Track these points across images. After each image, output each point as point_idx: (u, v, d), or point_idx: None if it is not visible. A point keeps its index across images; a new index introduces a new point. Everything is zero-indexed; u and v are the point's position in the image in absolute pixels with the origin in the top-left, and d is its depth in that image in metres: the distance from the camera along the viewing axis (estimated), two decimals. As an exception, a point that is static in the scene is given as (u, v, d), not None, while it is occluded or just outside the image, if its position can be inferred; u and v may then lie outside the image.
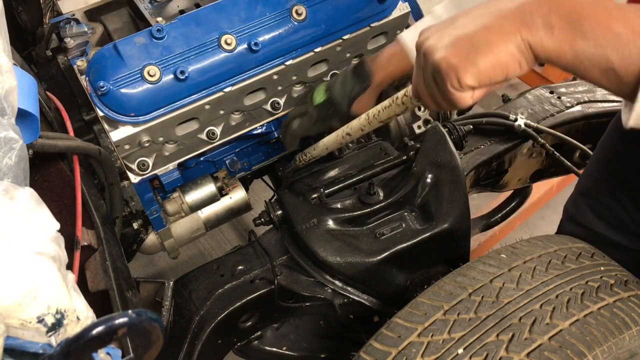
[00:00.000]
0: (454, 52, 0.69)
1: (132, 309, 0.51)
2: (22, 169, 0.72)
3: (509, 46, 0.67)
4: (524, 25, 0.66)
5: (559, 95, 1.76)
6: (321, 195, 1.32)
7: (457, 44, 0.69)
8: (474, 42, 0.68)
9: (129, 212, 1.39)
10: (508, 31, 0.66)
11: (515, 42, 0.66)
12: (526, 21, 0.66)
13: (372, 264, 1.20)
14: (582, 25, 0.63)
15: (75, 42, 1.27)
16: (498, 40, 0.67)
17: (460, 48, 0.69)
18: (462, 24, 0.71)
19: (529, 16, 0.65)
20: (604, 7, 0.64)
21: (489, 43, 0.67)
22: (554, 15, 0.64)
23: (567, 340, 0.84)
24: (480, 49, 0.68)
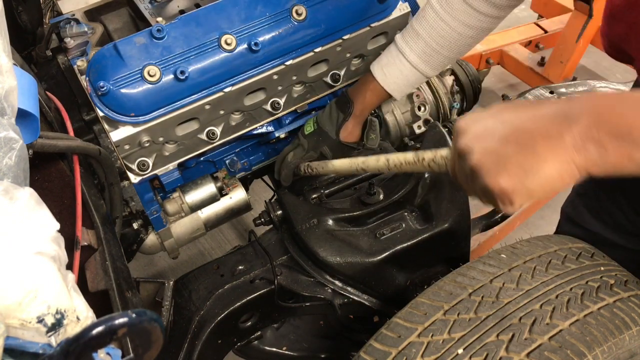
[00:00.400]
0: (507, 178, 0.68)
1: (132, 309, 0.51)
2: (22, 169, 0.71)
3: (561, 172, 0.66)
4: (576, 150, 0.64)
5: (559, 95, 1.76)
6: (321, 195, 1.32)
7: (510, 168, 0.68)
8: (527, 168, 0.67)
9: (129, 212, 1.39)
10: (561, 159, 0.65)
11: (568, 169, 0.66)
12: (577, 146, 0.64)
13: (372, 264, 1.20)
14: (634, 135, 0.62)
15: (75, 42, 1.27)
16: (551, 168, 0.66)
17: (512, 173, 0.68)
18: (508, 140, 0.68)
19: (579, 141, 0.64)
20: None
21: (543, 173, 0.66)
22: (603, 135, 0.63)
23: (567, 340, 0.84)
24: (534, 176, 0.67)
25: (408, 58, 1.23)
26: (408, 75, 1.26)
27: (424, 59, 1.22)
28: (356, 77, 1.45)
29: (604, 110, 0.64)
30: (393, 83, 1.27)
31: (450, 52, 1.21)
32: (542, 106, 0.69)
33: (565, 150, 0.65)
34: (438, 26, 1.17)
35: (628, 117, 0.63)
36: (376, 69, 1.28)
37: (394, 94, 1.29)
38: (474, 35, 1.19)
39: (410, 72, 1.25)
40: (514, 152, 0.68)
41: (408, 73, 1.25)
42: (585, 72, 3.11)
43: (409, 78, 1.26)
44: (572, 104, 0.66)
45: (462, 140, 0.72)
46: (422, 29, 1.19)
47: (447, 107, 1.60)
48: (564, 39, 2.65)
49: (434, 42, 1.19)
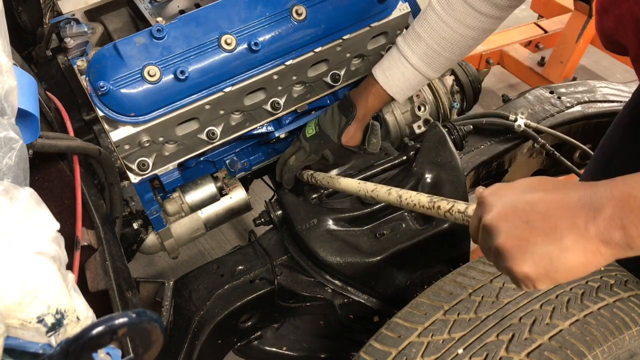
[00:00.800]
0: (532, 266, 0.68)
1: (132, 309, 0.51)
2: (22, 169, 0.71)
3: (587, 265, 0.66)
4: (602, 241, 0.64)
5: (559, 96, 1.76)
6: (321, 195, 1.32)
7: (535, 258, 0.68)
8: (552, 257, 0.67)
9: (129, 212, 1.39)
10: (586, 250, 0.65)
11: (593, 260, 0.66)
12: (603, 237, 0.64)
13: (372, 264, 1.20)
14: None
15: (75, 42, 1.27)
16: (576, 261, 0.66)
17: (538, 263, 0.68)
18: (534, 227, 0.68)
19: (604, 232, 0.64)
20: None
21: (568, 263, 0.66)
22: (628, 222, 0.62)
23: (567, 340, 0.84)
24: (558, 267, 0.67)
25: (410, 60, 1.23)
26: (410, 78, 1.26)
27: (425, 61, 1.22)
28: (356, 77, 1.45)
29: (625, 195, 0.64)
30: (395, 86, 1.27)
31: (452, 53, 1.21)
32: (569, 190, 0.68)
33: (590, 241, 0.65)
34: (439, 28, 1.17)
35: None
36: (378, 72, 1.28)
37: (396, 96, 1.29)
38: (476, 37, 1.19)
39: (412, 75, 1.25)
40: (540, 241, 0.68)
41: (410, 75, 1.25)
42: (585, 72, 3.11)
43: (412, 80, 1.26)
44: (597, 190, 0.66)
45: (487, 216, 0.72)
46: (423, 31, 1.19)
47: (447, 107, 1.60)
48: (564, 39, 2.65)
49: (435, 44, 1.19)
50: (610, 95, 1.80)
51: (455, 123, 1.48)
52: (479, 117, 1.63)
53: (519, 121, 1.57)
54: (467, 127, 1.47)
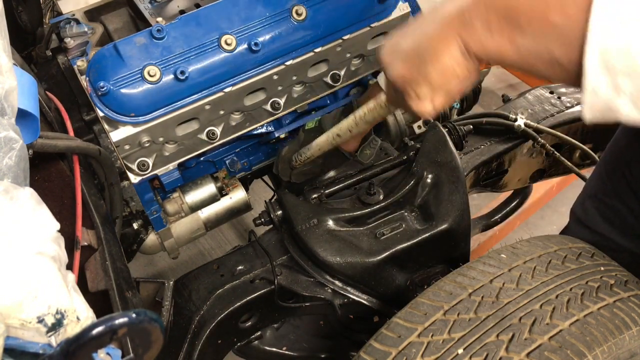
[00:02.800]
0: (405, 66, 0.73)
1: (132, 309, 0.51)
2: (22, 169, 0.71)
3: (452, 51, 0.67)
4: (463, 27, 0.66)
5: (559, 95, 1.76)
6: (321, 195, 1.32)
7: (407, 58, 0.72)
8: (420, 52, 0.70)
9: (129, 212, 1.39)
10: (449, 36, 0.67)
11: (457, 46, 0.67)
12: (465, 23, 0.66)
13: (372, 264, 1.20)
14: (519, 20, 0.61)
15: (75, 42, 1.27)
16: (441, 47, 0.68)
17: (409, 61, 0.72)
18: (410, 34, 0.73)
19: (467, 18, 0.65)
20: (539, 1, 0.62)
21: (433, 51, 0.69)
22: (491, 14, 0.63)
23: (567, 340, 0.84)
24: (426, 59, 0.70)
25: None
26: None
27: None
28: (356, 77, 1.45)
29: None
30: None
31: None
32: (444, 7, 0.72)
33: (452, 27, 0.66)
34: None
35: (520, 2, 0.62)
36: (382, 80, 1.27)
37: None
38: None
39: None
40: (411, 42, 0.72)
41: None
42: (585, 72, 3.11)
43: None
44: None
45: (382, 63, 0.79)
46: None
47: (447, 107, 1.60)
48: (564, 39, 2.65)
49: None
50: (610, 95, 1.79)
51: (455, 123, 1.48)
52: (479, 117, 1.62)
53: (519, 121, 1.57)
54: (467, 127, 1.47)
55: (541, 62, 0.62)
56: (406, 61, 0.72)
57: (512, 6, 0.62)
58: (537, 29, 0.60)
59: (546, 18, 0.60)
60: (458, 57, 0.67)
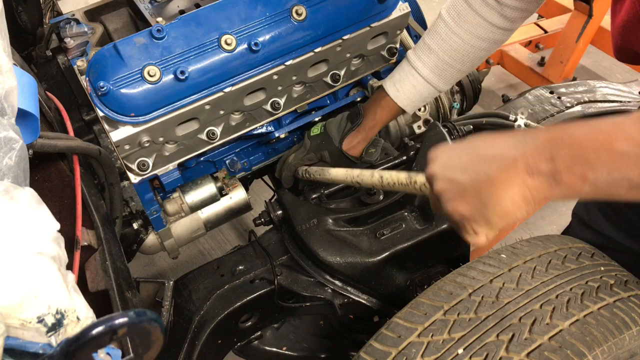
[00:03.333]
0: (465, 205, 0.71)
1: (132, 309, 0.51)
2: (22, 169, 0.71)
3: (514, 197, 0.66)
4: (529, 175, 0.65)
5: (559, 95, 1.76)
6: (321, 195, 1.32)
7: (467, 196, 0.71)
8: (481, 194, 0.69)
9: (129, 212, 1.39)
10: (513, 182, 0.66)
11: (520, 193, 0.66)
12: (530, 170, 0.65)
13: (372, 264, 1.20)
14: (588, 157, 0.61)
15: (75, 42, 1.27)
16: (504, 194, 0.67)
17: (469, 201, 0.71)
18: (470, 168, 0.71)
19: (532, 165, 0.65)
20: (600, 130, 0.62)
21: (496, 196, 0.68)
22: (556, 156, 0.63)
23: (567, 340, 0.84)
24: (487, 202, 0.69)
25: (421, 73, 1.23)
26: (421, 90, 1.26)
27: (437, 73, 1.22)
28: (356, 77, 1.45)
29: (559, 134, 0.64)
30: (406, 98, 1.27)
31: (462, 65, 1.21)
32: (505, 135, 0.70)
33: (517, 173, 0.66)
34: (450, 39, 1.17)
35: (583, 140, 0.62)
36: (388, 85, 1.28)
37: (406, 109, 1.29)
38: (486, 47, 1.19)
39: (423, 87, 1.25)
40: (471, 180, 0.70)
41: (421, 88, 1.25)
42: (585, 72, 3.11)
43: (422, 93, 1.26)
44: (532, 130, 0.69)
45: (430, 167, 0.77)
46: (434, 43, 1.20)
47: (447, 107, 1.60)
48: (564, 39, 2.65)
49: (446, 56, 1.20)
50: (610, 95, 1.80)
51: (455, 123, 1.48)
52: (479, 117, 1.62)
53: (519, 121, 1.57)
54: (467, 127, 1.47)
55: (621, 189, 0.62)
56: (465, 199, 0.71)
57: (576, 144, 0.62)
58: (607, 162, 0.61)
59: (613, 149, 0.60)
60: (520, 203, 0.67)
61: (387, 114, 1.32)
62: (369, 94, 1.51)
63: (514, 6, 1.11)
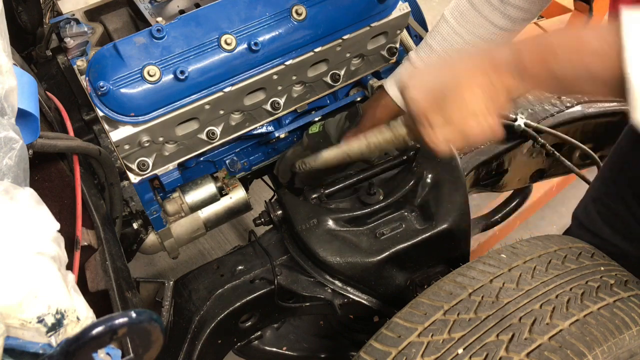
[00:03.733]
0: (425, 95, 0.74)
1: (132, 309, 0.51)
2: (22, 169, 0.71)
3: (474, 88, 0.68)
4: (493, 68, 0.67)
5: (559, 95, 1.75)
6: (321, 195, 1.32)
7: (428, 88, 0.74)
8: (442, 85, 0.72)
9: (129, 212, 1.39)
10: (475, 73, 0.68)
11: (481, 87, 0.68)
12: (495, 64, 0.67)
13: (372, 264, 1.20)
14: (554, 51, 0.64)
15: (75, 42, 1.27)
16: (464, 83, 0.69)
17: (430, 92, 0.73)
18: (436, 68, 0.76)
19: (497, 58, 0.67)
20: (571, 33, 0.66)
21: (456, 85, 0.70)
22: (523, 51, 0.65)
23: (567, 340, 0.84)
24: (446, 92, 0.71)
25: None
26: None
27: None
28: (356, 77, 1.45)
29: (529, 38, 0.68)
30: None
31: None
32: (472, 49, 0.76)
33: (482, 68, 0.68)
34: (452, 39, 1.17)
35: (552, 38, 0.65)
36: (389, 85, 1.27)
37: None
38: None
39: None
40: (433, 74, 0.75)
41: None
42: (585, 72, 3.10)
43: None
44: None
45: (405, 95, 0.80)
46: (435, 43, 1.19)
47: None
48: (564, 39, 2.65)
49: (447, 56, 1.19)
50: (610, 95, 1.79)
51: (455, 123, 1.47)
52: (479, 117, 1.62)
53: (519, 121, 1.57)
54: None
55: (585, 85, 0.64)
56: (427, 90, 0.74)
57: (544, 41, 0.65)
58: (574, 55, 0.63)
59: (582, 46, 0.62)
60: (479, 94, 0.68)
61: (386, 114, 1.30)
62: (369, 94, 1.50)
63: (518, 5, 1.10)
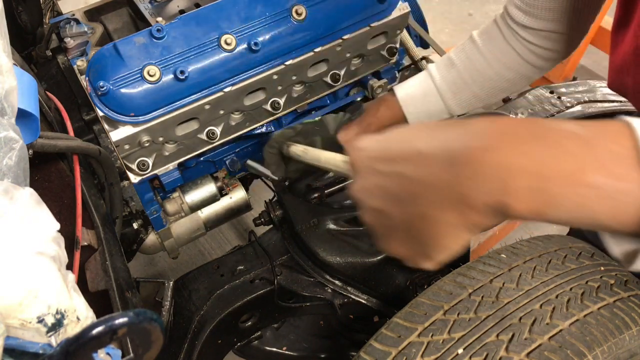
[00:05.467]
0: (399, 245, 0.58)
1: (132, 309, 0.51)
2: (22, 169, 0.71)
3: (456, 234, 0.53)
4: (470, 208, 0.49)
5: (559, 95, 1.76)
6: (321, 195, 1.32)
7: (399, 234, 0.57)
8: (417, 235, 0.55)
9: (129, 212, 1.39)
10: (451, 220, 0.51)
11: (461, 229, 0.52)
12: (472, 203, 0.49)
13: (372, 263, 1.20)
14: (549, 190, 0.46)
15: (75, 42, 1.27)
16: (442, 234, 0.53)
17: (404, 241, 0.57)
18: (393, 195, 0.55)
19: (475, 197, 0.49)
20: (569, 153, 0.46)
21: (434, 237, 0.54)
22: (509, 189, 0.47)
23: (567, 340, 0.84)
24: (426, 244, 0.55)
25: (436, 84, 1.15)
26: (431, 102, 1.17)
27: (452, 90, 1.14)
28: (356, 77, 1.45)
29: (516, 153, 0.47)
30: (412, 105, 1.18)
31: (481, 90, 1.13)
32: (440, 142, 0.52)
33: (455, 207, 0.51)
34: (475, 58, 1.11)
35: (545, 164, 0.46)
36: (398, 88, 1.20)
37: (409, 116, 1.18)
38: (511, 79, 1.11)
39: (433, 100, 1.16)
40: (400, 214, 0.55)
41: (431, 100, 1.16)
42: (585, 72, 3.11)
43: (430, 106, 1.17)
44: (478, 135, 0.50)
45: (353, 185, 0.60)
46: (457, 59, 1.13)
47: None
48: (564, 39, 2.65)
49: (467, 75, 1.13)
50: (610, 95, 1.80)
51: (455, 123, 1.47)
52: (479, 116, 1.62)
53: (519, 121, 1.56)
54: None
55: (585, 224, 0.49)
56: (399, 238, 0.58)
57: (535, 170, 0.46)
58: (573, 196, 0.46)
59: (581, 180, 0.46)
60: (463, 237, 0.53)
61: (388, 116, 1.23)
62: (369, 94, 1.51)
63: (544, 46, 1.06)
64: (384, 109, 1.21)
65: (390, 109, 1.20)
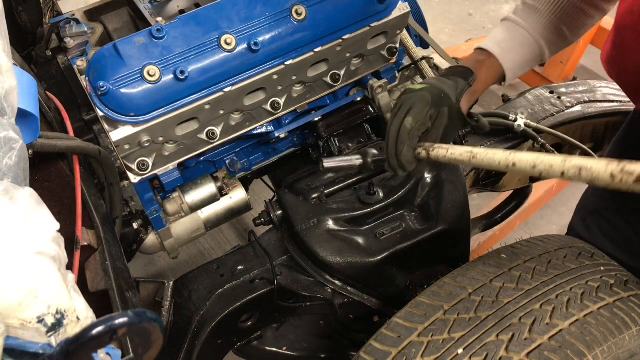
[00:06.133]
0: None
1: (132, 309, 0.51)
2: (22, 169, 0.71)
3: None
4: None
5: (559, 95, 1.76)
6: (321, 195, 1.32)
7: None
8: None
9: (129, 212, 1.39)
10: None
11: None
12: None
13: (372, 264, 1.20)
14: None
15: (75, 42, 1.27)
16: None
17: None
18: None
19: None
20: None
21: None
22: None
23: (567, 340, 0.84)
24: None
25: (529, 31, 1.14)
26: (528, 52, 1.15)
27: (545, 35, 1.14)
28: (356, 77, 1.45)
29: None
30: (512, 60, 1.15)
31: (568, 27, 1.13)
32: None
33: None
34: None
35: None
36: (492, 45, 1.15)
37: (508, 73, 1.16)
38: (588, 12, 1.12)
39: (530, 48, 1.15)
40: None
41: (529, 49, 1.15)
42: (585, 72, 3.11)
43: (527, 56, 1.16)
44: None
45: None
46: (540, 4, 1.13)
47: None
48: (564, 39, 2.65)
49: (554, 16, 1.12)
50: (610, 95, 1.80)
51: (455, 123, 1.47)
52: (479, 117, 1.62)
53: (519, 121, 1.57)
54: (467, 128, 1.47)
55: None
56: None
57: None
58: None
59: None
60: None
61: (491, 77, 1.16)
62: (369, 94, 1.51)
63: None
64: (486, 71, 1.16)
65: (491, 69, 1.15)
